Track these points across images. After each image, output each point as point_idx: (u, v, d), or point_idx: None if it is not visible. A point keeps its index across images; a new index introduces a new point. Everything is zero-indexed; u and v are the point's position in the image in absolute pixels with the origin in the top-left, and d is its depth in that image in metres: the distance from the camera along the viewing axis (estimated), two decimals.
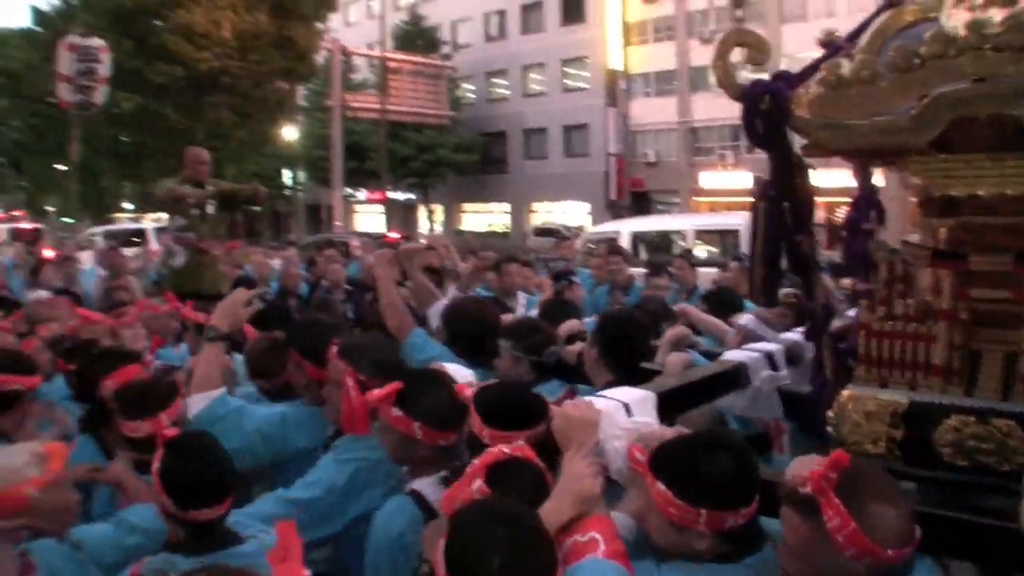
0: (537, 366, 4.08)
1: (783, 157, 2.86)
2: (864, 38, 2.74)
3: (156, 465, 2.77)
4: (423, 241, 14.24)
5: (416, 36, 51.98)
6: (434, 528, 2.39)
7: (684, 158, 45.91)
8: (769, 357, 3.41)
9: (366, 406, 3.12)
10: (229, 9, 36.76)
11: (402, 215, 55.79)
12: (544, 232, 45.41)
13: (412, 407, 2.91)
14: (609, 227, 21.62)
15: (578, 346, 4.05)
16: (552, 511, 2.23)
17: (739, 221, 16.06)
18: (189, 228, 8.38)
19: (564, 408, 2.55)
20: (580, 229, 41.83)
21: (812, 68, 2.79)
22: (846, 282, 2.96)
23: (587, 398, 2.67)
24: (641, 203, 47.57)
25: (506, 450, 2.41)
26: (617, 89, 49.53)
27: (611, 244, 12.42)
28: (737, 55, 2.85)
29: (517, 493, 2.29)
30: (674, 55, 46.38)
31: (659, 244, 18.51)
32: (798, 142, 2.83)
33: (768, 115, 2.76)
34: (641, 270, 10.29)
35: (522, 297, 7.90)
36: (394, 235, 27.22)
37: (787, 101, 2.72)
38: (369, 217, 61.83)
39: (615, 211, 45.93)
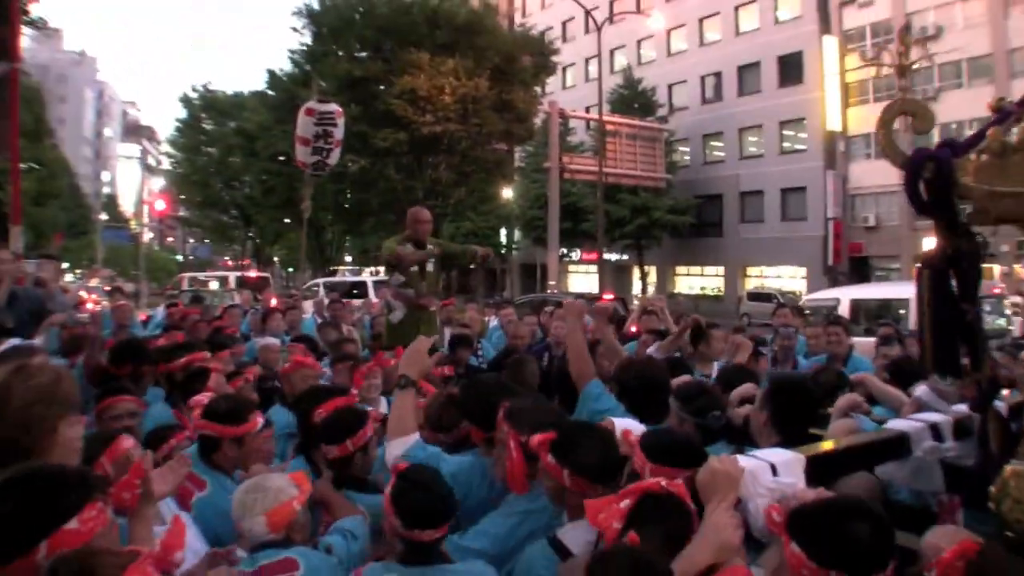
0: (702, 429, 4.07)
1: (949, 225, 2.81)
2: None
3: (388, 490, 3.15)
4: (636, 303, 14.20)
5: (632, 99, 52.45)
6: (569, 568, 2.49)
7: (906, 222, 43.87)
8: (934, 428, 3.30)
9: (526, 467, 3.32)
10: (451, 75, 38.41)
11: (615, 276, 55.90)
12: (758, 297, 44.73)
13: (563, 456, 3.05)
14: (827, 294, 20.90)
15: (745, 408, 4.06)
16: (690, 557, 2.35)
17: None
18: (409, 285, 8.47)
19: (710, 462, 2.60)
20: (796, 295, 40.86)
21: (979, 135, 2.75)
22: None
23: (734, 455, 2.71)
24: (860, 269, 46.02)
25: (663, 483, 2.53)
26: (836, 151, 48.32)
27: (831, 314, 11.98)
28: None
29: (661, 526, 2.43)
30: None
31: (880, 312, 17.77)
32: (966, 209, 2.78)
33: (932, 183, 2.73)
34: (861, 339, 9.96)
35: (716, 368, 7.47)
36: (608, 296, 27.16)
37: (951, 169, 2.69)
38: (582, 277, 62.35)
39: (832, 277, 44.66)
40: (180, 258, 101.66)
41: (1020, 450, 2.65)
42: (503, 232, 62.67)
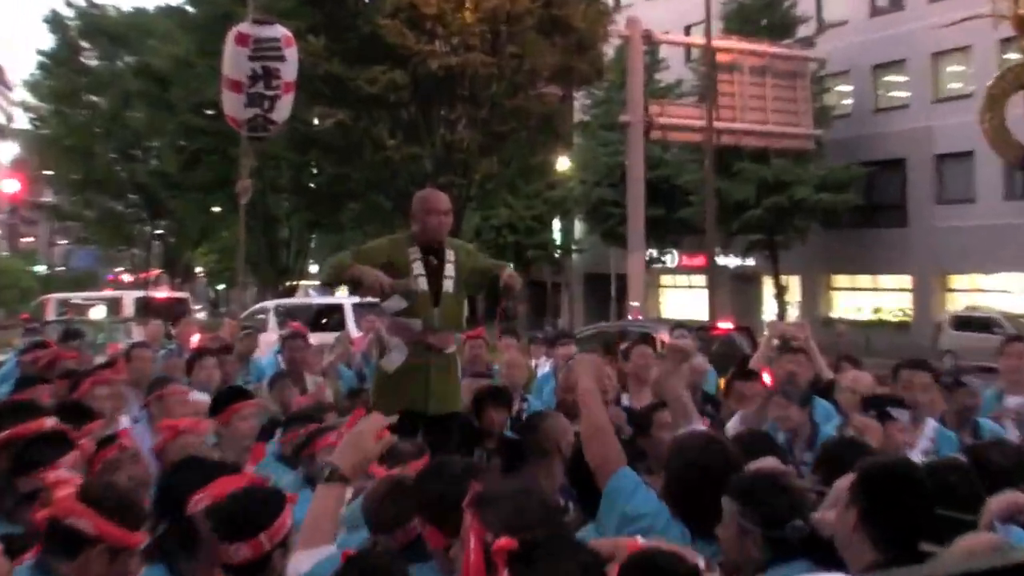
0: (774, 543, 4.11)
1: None
2: None
3: None
4: (767, 331, 13.80)
5: (758, 13, 51.56)
6: None
7: None
8: None
9: (485, 572, 3.60)
10: None
11: (735, 292, 55.45)
12: (969, 323, 43.69)
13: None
14: None
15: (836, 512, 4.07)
16: None
17: None
18: (413, 313, 7.78)
19: None
20: None
21: None
22: None
23: None
24: None
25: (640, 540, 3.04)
26: None
27: None
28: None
29: None
30: None
31: None
32: None
33: None
34: None
35: (931, 427, 7.46)
36: (725, 325, 26.79)
37: None
38: (683, 294, 62.49)
39: None
40: (43, 269, 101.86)
41: None
42: (557, 225, 62.44)
